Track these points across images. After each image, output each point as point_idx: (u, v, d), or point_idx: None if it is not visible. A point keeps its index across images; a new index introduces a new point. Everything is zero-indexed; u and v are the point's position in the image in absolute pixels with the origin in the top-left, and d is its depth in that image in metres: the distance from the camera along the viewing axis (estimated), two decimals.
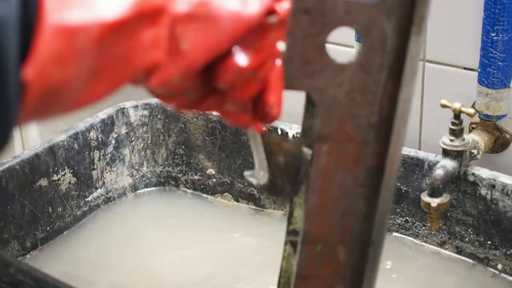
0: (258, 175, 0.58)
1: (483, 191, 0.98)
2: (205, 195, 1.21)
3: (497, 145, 1.05)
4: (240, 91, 0.50)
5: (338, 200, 0.61)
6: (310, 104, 0.59)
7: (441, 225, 1.00)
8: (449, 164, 0.96)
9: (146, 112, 1.21)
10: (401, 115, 0.58)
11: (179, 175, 1.22)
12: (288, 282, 0.66)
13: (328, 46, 0.56)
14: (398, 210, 1.07)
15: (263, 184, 0.58)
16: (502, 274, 0.99)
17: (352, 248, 0.62)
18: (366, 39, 0.56)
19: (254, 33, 0.48)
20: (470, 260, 1.02)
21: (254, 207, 1.18)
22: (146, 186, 1.22)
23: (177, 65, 0.46)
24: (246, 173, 0.59)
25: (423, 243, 1.06)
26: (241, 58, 0.48)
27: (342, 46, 1.07)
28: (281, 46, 0.50)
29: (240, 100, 0.51)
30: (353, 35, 1.07)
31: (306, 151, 0.60)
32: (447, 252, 1.04)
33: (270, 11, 0.48)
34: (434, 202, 0.94)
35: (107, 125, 1.17)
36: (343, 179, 0.60)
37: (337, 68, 0.57)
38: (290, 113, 1.27)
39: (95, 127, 1.15)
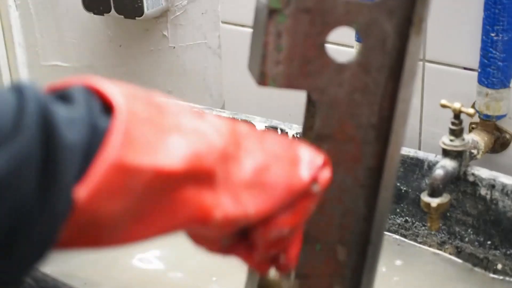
0: None
1: (483, 191, 0.98)
2: None
3: (497, 145, 1.05)
4: (273, 246, 0.53)
5: (337, 199, 0.61)
6: (310, 103, 0.59)
7: (441, 225, 1.00)
8: (449, 164, 0.96)
9: None
10: (401, 115, 0.59)
11: None
12: None
13: (328, 46, 0.56)
14: (398, 210, 1.07)
15: None
16: (502, 274, 0.99)
17: (351, 248, 0.62)
18: (366, 39, 0.57)
19: (298, 197, 0.51)
20: (470, 260, 1.02)
21: None
22: None
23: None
24: None
25: (423, 243, 1.06)
26: (284, 220, 0.51)
27: (342, 46, 1.07)
28: (316, 188, 0.52)
29: (269, 253, 0.53)
30: (353, 35, 1.07)
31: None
32: (446, 252, 1.04)
33: (314, 180, 0.52)
34: (434, 202, 0.93)
35: None
36: (343, 178, 0.60)
37: (337, 68, 0.57)
38: (290, 113, 1.27)
39: None
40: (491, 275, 0.99)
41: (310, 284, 0.63)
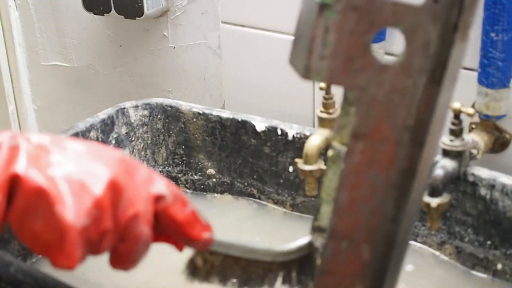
0: None
1: (482, 191, 0.98)
2: (205, 195, 1.21)
3: (497, 145, 1.05)
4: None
5: (367, 198, 0.61)
6: (346, 102, 0.60)
7: (440, 225, 1.00)
8: (449, 164, 0.96)
9: (146, 112, 1.21)
10: (439, 119, 0.59)
11: (179, 175, 1.22)
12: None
13: None
14: None
15: None
16: (502, 274, 0.99)
17: (377, 248, 0.62)
18: (410, 42, 0.57)
19: None
20: (470, 260, 1.02)
21: (254, 206, 1.18)
22: None
23: None
24: None
25: (423, 243, 1.06)
26: None
27: None
28: None
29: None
30: None
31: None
32: (446, 252, 1.04)
33: None
34: (434, 202, 0.93)
35: (107, 125, 1.17)
36: (375, 178, 0.61)
37: (379, 67, 0.57)
38: (290, 113, 1.27)
39: (95, 127, 1.15)
40: (491, 275, 0.99)
41: (333, 281, 0.64)
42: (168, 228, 0.63)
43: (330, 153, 0.62)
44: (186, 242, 0.64)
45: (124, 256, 0.62)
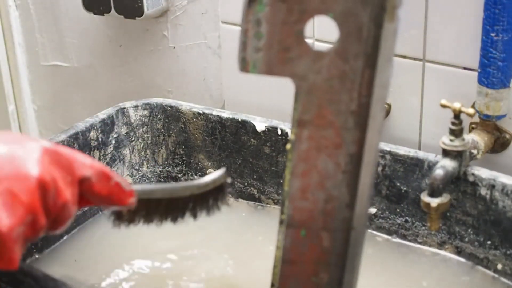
0: None
1: (483, 191, 0.98)
2: None
3: (497, 145, 1.05)
4: None
5: (320, 185, 0.62)
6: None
7: (441, 225, 1.00)
8: (449, 164, 0.96)
9: (146, 112, 1.21)
10: (378, 100, 0.60)
11: (179, 175, 1.22)
12: None
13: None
14: (398, 210, 1.07)
15: None
16: (502, 274, 0.99)
17: (336, 234, 0.64)
18: (342, 28, 0.58)
19: None
20: (470, 260, 1.02)
21: (254, 206, 1.18)
22: None
23: None
24: None
25: (423, 243, 1.06)
26: None
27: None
28: None
29: None
30: None
31: None
32: (446, 252, 1.04)
33: None
34: (434, 202, 0.93)
35: (107, 125, 1.17)
36: (325, 164, 0.62)
37: (315, 55, 0.59)
38: (290, 113, 1.28)
39: (95, 127, 1.15)
40: (491, 275, 0.99)
41: (296, 270, 0.64)
42: (94, 201, 0.66)
43: (288, 146, 0.64)
44: (111, 208, 0.69)
45: (55, 229, 0.65)
